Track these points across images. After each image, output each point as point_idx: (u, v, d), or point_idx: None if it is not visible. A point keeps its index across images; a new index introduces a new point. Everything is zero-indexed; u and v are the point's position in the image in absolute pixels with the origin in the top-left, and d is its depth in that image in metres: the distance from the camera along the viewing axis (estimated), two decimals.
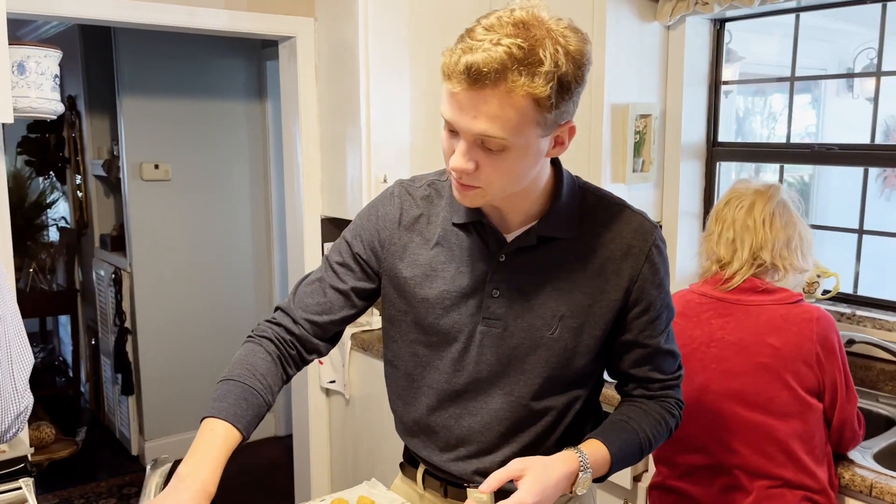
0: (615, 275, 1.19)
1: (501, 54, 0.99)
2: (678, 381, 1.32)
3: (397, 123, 2.65)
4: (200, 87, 3.91)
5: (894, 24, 3.92)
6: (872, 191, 5.52)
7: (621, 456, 1.22)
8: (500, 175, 1.09)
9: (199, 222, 3.98)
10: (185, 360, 4.00)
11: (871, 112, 5.04)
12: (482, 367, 1.25)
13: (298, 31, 2.78)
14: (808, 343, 1.60)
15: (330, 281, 1.31)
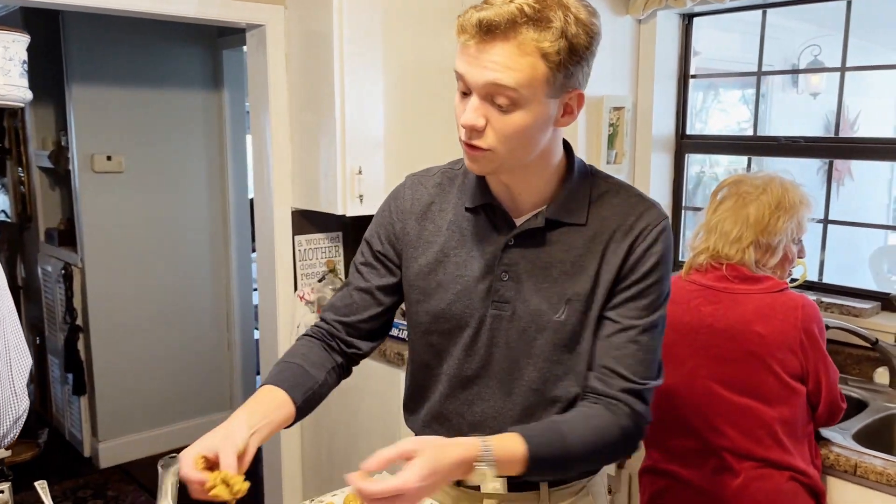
0: (613, 254, 1.19)
1: (513, 10, 1.04)
2: (644, 391, 1.19)
3: (372, 115, 2.62)
4: (154, 76, 3.78)
5: (838, 21, 4.08)
6: (815, 182, 5.77)
7: (541, 461, 1.12)
8: (508, 134, 1.10)
9: (153, 215, 3.85)
10: (140, 357, 3.88)
11: (816, 106, 5.20)
12: (493, 352, 1.26)
13: (268, 20, 2.71)
14: (792, 330, 1.65)
15: (355, 283, 1.36)
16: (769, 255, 1.75)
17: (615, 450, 1.19)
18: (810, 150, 2.56)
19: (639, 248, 1.18)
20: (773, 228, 1.72)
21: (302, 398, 1.24)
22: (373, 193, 2.64)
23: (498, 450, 1.08)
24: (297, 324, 2.86)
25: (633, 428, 1.18)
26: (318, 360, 1.31)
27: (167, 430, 3.98)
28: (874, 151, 2.54)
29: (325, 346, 1.34)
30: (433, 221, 1.29)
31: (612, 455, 1.20)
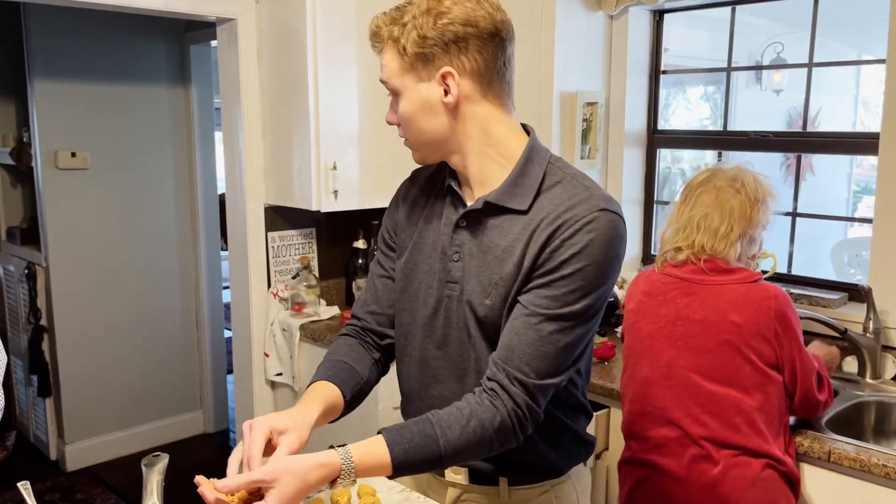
0: (535, 242, 1.18)
1: (380, 19, 1.24)
2: (534, 386, 1.16)
3: (346, 110, 2.60)
4: (120, 71, 3.70)
5: (799, 18, 4.16)
6: (778, 177, 5.90)
7: (408, 465, 1.13)
8: (403, 122, 1.25)
9: (120, 213, 3.78)
10: (106, 358, 3.80)
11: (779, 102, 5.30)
12: (448, 332, 1.29)
13: (239, 14, 2.68)
14: (766, 319, 1.68)
15: (376, 272, 1.42)
16: (751, 247, 1.79)
17: (491, 445, 1.17)
18: (779, 144, 2.61)
19: (559, 237, 1.16)
20: (756, 220, 1.77)
21: (351, 393, 1.29)
22: (347, 189, 2.63)
23: (361, 462, 1.10)
24: (272, 321, 2.84)
25: (512, 421, 1.16)
26: (360, 356, 1.36)
27: (136, 431, 3.92)
28: (840, 145, 2.60)
29: (361, 342, 1.39)
30: (418, 207, 1.37)
31: (489, 450, 1.17)
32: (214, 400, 4.18)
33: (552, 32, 2.52)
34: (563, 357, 1.18)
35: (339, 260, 3.06)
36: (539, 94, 2.58)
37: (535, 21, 2.53)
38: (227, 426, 4.25)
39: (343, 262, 3.06)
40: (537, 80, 2.57)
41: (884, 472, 1.65)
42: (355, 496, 1.30)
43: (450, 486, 1.36)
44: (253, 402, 2.90)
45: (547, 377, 1.17)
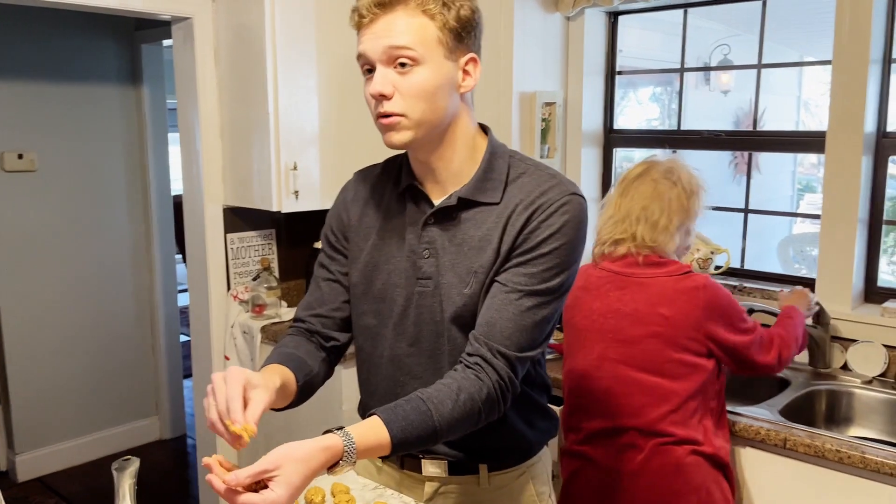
0: (512, 227, 1.23)
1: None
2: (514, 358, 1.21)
3: (306, 109, 2.59)
4: (68, 70, 3.62)
5: (745, 21, 4.29)
6: (726, 175, 6.02)
7: (407, 442, 1.15)
8: (415, 94, 1.18)
9: (70, 216, 3.69)
10: (57, 365, 3.71)
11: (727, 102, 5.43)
12: (421, 328, 1.31)
13: (195, 12, 2.64)
14: (695, 310, 1.73)
15: (320, 275, 1.41)
16: (687, 238, 1.84)
17: (479, 417, 1.20)
18: (731, 143, 2.69)
19: (536, 219, 1.22)
20: (692, 211, 1.81)
21: (303, 380, 1.27)
22: (308, 189, 2.62)
23: (361, 443, 1.10)
24: (231, 324, 2.81)
25: (496, 392, 1.20)
26: (309, 351, 1.34)
27: (89, 439, 3.82)
28: (788, 144, 2.70)
29: (308, 340, 1.37)
30: (372, 208, 1.37)
31: (476, 422, 1.20)
32: (171, 405, 4.10)
33: (511, 34, 2.55)
34: (539, 330, 1.23)
35: (300, 261, 3.04)
36: (498, 95, 2.60)
37: (493, 23, 2.55)
38: (184, 432, 4.18)
39: (303, 262, 3.04)
40: (496, 80, 2.59)
41: (837, 458, 1.72)
42: (329, 495, 1.30)
43: (427, 481, 1.37)
44: None
45: (526, 350, 1.22)
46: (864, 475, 1.70)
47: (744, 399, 2.27)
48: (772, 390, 2.19)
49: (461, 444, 1.33)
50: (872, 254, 2.31)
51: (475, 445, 1.32)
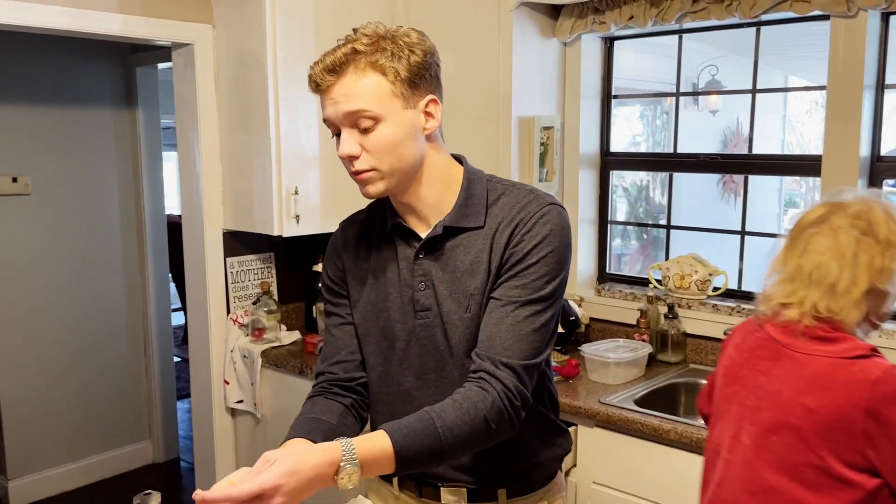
0: (498, 244, 1.28)
1: (348, 49, 1.22)
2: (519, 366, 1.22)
3: (306, 134, 2.60)
4: (62, 93, 3.61)
5: (732, 43, 4.35)
6: (714, 194, 6.08)
7: (412, 457, 1.15)
8: (381, 150, 1.23)
9: (63, 238, 3.67)
10: (51, 389, 3.67)
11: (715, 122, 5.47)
12: (424, 360, 1.34)
13: (196, 38, 2.65)
14: (853, 410, 1.29)
15: (331, 323, 1.43)
16: (882, 304, 1.41)
17: (488, 429, 1.20)
18: (726, 166, 2.72)
19: (519, 233, 1.26)
20: (890, 269, 1.37)
21: (322, 439, 1.23)
22: (309, 213, 2.63)
23: (362, 450, 1.11)
24: (231, 347, 2.80)
25: (504, 404, 1.20)
26: (324, 408, 1.35)
27: (81, 464, 3.78)
28: (783, 167, 2.74)
29: (325, 397, 1.38)
30: (363, 252, 1.40)
31: (487, 435, 1.20)
32: (164, 428, 4.07)
33: (510, 59, 2.58)
34: (539, 338, 1.26)
35: (298, 284, 3.04)
36: (498, 119, 2.63)
37: (493, 48, 2.58)
38: (178, 455, 4.14)
39: (302, 286, 3.04)
40: (496, 105, 2.62)
41: None
42: None
43: None
44: (213, 430, 2.85)
45: (529, 358, 1.24)
46: None
47: None
48: None
49: (478, 469, 1.34)
50: None
51: (493, 469, 1.34)
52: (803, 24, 2.46)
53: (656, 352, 2.56)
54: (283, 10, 2.48)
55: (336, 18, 2.62)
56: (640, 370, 2.44)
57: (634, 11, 2.52)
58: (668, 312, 2.56)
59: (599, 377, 2.38)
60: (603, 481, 2.17)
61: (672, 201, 2.89)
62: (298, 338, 2.86)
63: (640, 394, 2.27)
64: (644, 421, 2.06)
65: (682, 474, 2.00)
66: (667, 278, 2.67)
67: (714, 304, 2.55)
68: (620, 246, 4.81)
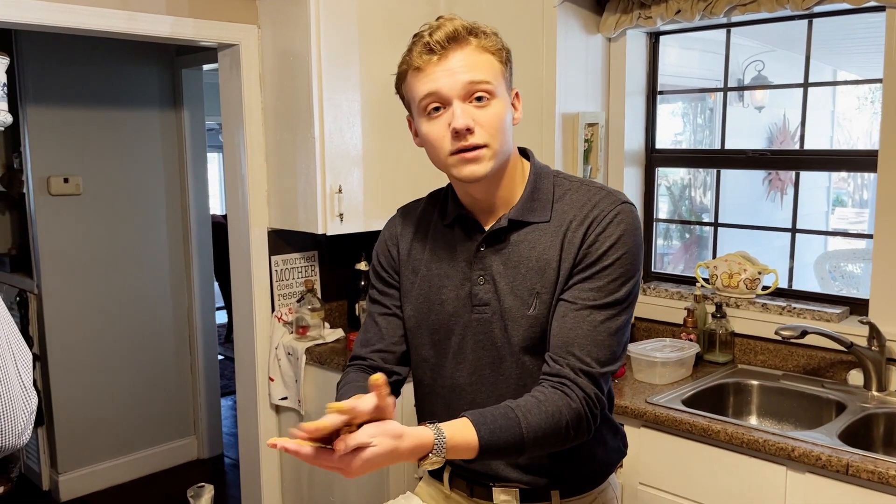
0: (570, 243, 1.25)
1: (457, 25, 1.22)
2: (597, 374, 1.21)
3: (350, 132, 2.61)
4: (111, 96, 3.69)
5: (778, 37, 4.25)
6: (760, 192, 5.96)
7: (494, 447, 1.14)
8: (495, 125, 1.22)
9: (112, 237, 3.74)
10: (100, 385, 3.75)
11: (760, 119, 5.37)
12: (480, 355, 1.32)
13: (241, 39, 2.68)
14: None
15: (376, 311, 1.43)
16: None
17: (567, 434, 1.19)
18: (776, 162, 2.66)
19: (593, 233, 1.23)
20: None
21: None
22: (353, 212, 2.64)
23: (452, 441, 1.10)
24: (276, 345, 2.83)
25: (585, 410, 1.20)
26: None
27: (129, 459, 3.86)
28: (835, 163, 2.67)
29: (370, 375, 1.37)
30: (420, 241, 1.39)
31: (565, 439, 1.20)
32: (208, 425, 4.13)
33: (554, 56, 2.55)
34: (616, 343, 1.24)
35: (341, 282, 3.06)
36: (542, 116, 2.61)
37: (536, 45, 2.56)
38: (221, 451, 4.20)
39: (345, 284, 3.06)
40: (540, 102, 2.60)
41: None
42: None
43: None
44: (258, 427, 2.88)
45: (607, 364, 1.23)
46: None
47: (799, 423, 2.24)
48: (827, 414, 2.16)
49: (534, 469, 1.33)
50: None
51: (548, 469, 1.32)
52: (851, 18, 2.39)
53: (704, 351, 2.52)
54: (328, 9, 2.50)
55: (380, 18, 2.63)
56: (688, 370, 2.39)
57: (682, 5, 2.48)
58: (716, 311, 2.51)
59: (646, 377, 2.34)
60: (650, 482, 2.14)
61: (718, 199, 2.83)
62: (342, 335, 2.87)
63: (688, 394, 2.23)
64: (692, 421, 2.02)
65: (730, 476, 1.97)
66: (714, 277, 2.62)
67: (763, 303, 2.50)
68: (663, 245, 4.74)
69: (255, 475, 2.93)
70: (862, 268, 4.90)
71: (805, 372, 2.39)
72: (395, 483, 2.47)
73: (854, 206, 6.63)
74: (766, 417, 2.33)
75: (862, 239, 4.94)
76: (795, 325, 2.22)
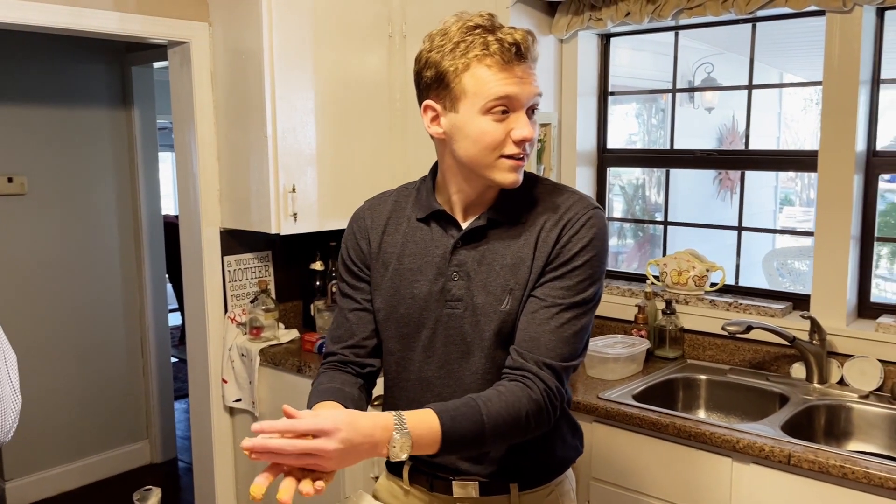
0: (544, 243, 1.29)
1: (525, 33, 1.25)
2: (560, 368, 1.25)
3: (303, 131, 2.60)
4: (58, 93, 3.60)
5: (727, 40, 4.35)
6: (711, 191, 6.08)
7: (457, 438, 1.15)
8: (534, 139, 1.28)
9: (60, 238, 3.66)
10: (49, 389, 3.66)
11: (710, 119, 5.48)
12: (450, 349, 1.34)
13: (192, 36, 2.65)
14: None
15: (346, 306, 1.43)
16: None
17: (528, 423, 1.22)
18: (723, 162, 2.73)
19: (567, 234, 1.28)
20: None
21: (352, 407, 1.29)
22: (307, 211, 2.62)
23: (412, 422, 1.12)
24: (229, 346, 2.80)
25: (545, 401, 1.23)
26: (345, 381, 1.37)
27: (80, 464, 3.78)
28: (778, 163, 2.75)
29: (342, 371, 1.40)
30: (391, 235, 1.40)
31: (525, 429, 1.22)
32: (161, 429, 4.07)
33: None
34: (579, 341, 1.29)
35: (296, 282, 3.04)
36: None
37: None
38: (175, 455, 4.14)
39: (300, 284, 3.04)
40: None
41: (841, 473, 1.74)
42: None
43: (457, 502, 1.38)
44: (211, 429, 2.85)
45: (569, 360, 1.27)
46: (868, 490, 1.73)
47: (745, 416, 2.30)
48: (771, 406, 2.22)
49: (493, 462, 1.35)
50: (865, 270, 2.36)
51: (507, 463, 1.35)
52: (798, 21, 2.47)
53: (654, 347, 2.57)
54: (280, 7, 2.48)
55: (334, 16, 2.62)
56: (639, 366, 2.44)
57: (631, 8, 2.53)
58: (666, 308, 2.57)
59: (598, 373, 2.38)
60: (603, 477, 2.17)
61: (669, 198, 2.89)
62: (296, 336, 2.86)
63: (639, 389, 2.27)
64: (643, 416, 2.06)
65: (679, 468, 2.01)
66: (664, 274, 2.68)
67: (711, 299, 2.56)
68: (618, 244, 4.82)
69: (209, 479, 2.90)
70: (808, 265, 5.05)
71: (751, 366, 2.46)
72: (352, 483, 2.47)
73: (802, 204, 6.82)
74: (714, 411, 2.39)
75: (807, 237, 5.08)
76: (741, 321, 2.28)
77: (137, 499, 1.21)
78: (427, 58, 1.26)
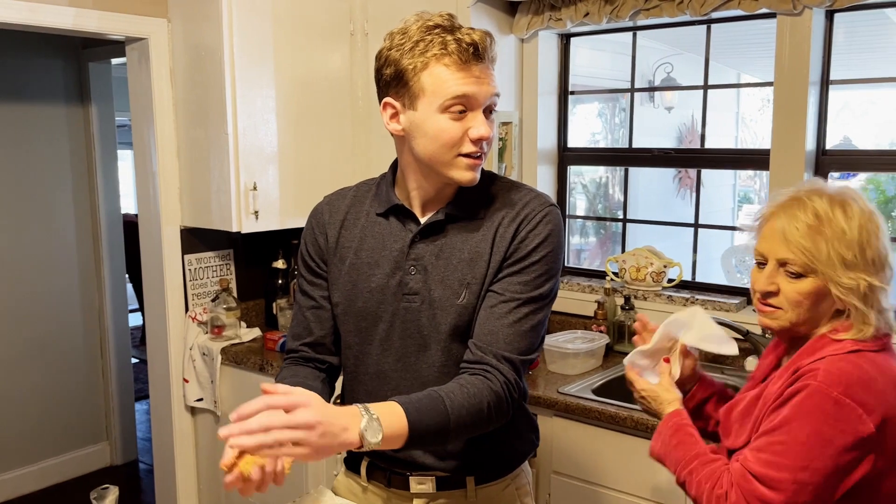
0: (502, 238, 1.31)
1: (483, 34, 1.26)
2: (518, 361, 1.28)
3: (264, 129, 2.59)
4: (11, 89, 3.53)
5: (686, 41, 4.43)
6: (671, 189, 6.17)
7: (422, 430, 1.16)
8: (492, 137, 1.29)
9: (16, 237, 3.59)
10: (5, 392, 3.59)
11: (670, 118, 5.55)
12: (407, 343, 1.35)
13: (150, 33, 2.62)
14: None
15: (304, 304, 1.44)
16: None
17: (490, 415, 1.24)
18: (680, 160, 2.78)
19: (524, 230, 1.30)
20: None
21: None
22: (268, 209, 2.62)
23: (379, 410, 1.13)
24: (190, 345, 2.78)
25: (505, 393, 1.26)
26: (307, 375, 1.38)
27: (38, 467, 3.71)
28: (734, 161, 2.82)
29: (304, 366, 1.42)
30: (348, 229, 1.41)
31: (487, 420, 1.24)
32: (121, 430, 4.01)
33: None
34: (536, 335, 1.32)
35: (258, 281, 3.03)
36: None
37: None
38: (136, 457, 4.09)
39: (262, 282, 3.03)
40: None
41: None
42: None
43: (414, 498, 1.40)
44: (172, 429, 2.82)
45: (526, 353, 1.30)
46: None
47: None
48: None
49: (450, 456, 1.37)
50: None
51: (463, 456, 1.36)
52: (752, 23, 2.53)
53: (613, 342, 2.61)
54: (240, 3, 2.47)
55: (295, 13, 2.61)
56: (598, 360, 2.48)
57: (590, 8, 2.57)
58: (625, 304, 2.61)
59: (558, 368, 2.42)
60: (563, 470, 2.21)
61: (629, 197, 2.94)
62: (258, 335, 2.85)
63: (598, 383, 2.31)
64: (602, 409, 2.10)
65: (638, 461, 2.05)
66: (623, 271, 2.72)
67: (669, 295, 2.61)
68: (580, 242, 4.88)
69: (171, 480, 2.88)
70: None
71: (707, 360, 2.51)
72: (314, 479, 2.47)
73: (760, 202, 6.97)
74: None
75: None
76: None
77: (94, 497, 1.20)
78: (387, 56, 1.27)
